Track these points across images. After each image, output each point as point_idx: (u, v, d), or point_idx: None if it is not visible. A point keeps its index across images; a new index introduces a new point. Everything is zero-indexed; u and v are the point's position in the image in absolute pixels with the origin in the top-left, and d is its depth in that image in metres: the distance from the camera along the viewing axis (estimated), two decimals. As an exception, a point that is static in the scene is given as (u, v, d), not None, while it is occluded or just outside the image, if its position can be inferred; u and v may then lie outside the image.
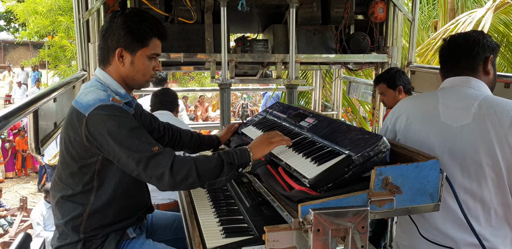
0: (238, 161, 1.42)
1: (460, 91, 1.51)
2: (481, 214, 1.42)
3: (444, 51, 1.60)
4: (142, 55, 1.52)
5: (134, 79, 1.55)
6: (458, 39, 1.56)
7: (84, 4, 2.69)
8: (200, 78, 12.81)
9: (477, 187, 1.41)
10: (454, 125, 1.44)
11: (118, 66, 1.51)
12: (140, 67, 1.53)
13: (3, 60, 23.27)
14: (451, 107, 1.48)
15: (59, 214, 1.54)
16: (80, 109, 1.42)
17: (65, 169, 1.51)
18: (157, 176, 1.36)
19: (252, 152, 1.45)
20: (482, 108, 1.43)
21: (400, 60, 3.10)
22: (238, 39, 3.01)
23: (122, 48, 1.49)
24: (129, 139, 1.37)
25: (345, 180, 1.21)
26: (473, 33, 1.55)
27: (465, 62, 1.53)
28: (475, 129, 1.41)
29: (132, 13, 1.51)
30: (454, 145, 1.43)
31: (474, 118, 1.42)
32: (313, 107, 4.71)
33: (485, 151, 1.39)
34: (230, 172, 1.41)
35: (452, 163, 1.42)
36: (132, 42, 1.49)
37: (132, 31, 1.48)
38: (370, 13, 3.06)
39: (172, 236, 1.81)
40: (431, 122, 1.49)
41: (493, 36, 4.53)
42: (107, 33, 1.50)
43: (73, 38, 10.75)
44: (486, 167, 1.39)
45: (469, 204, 1.41)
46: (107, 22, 1.51)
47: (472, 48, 1.50)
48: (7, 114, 1.51)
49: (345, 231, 1.10)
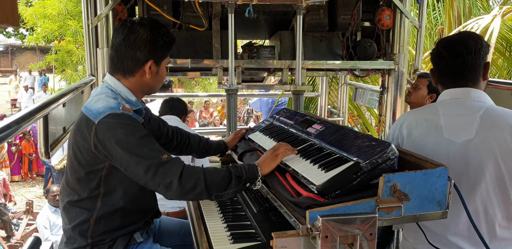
0: (246, 175, 1.43)
1: (462, 105, 1.48)
2: (485, 228, 1.42)
3: (442, 61, 1.53)
4: (164, 65, 1.58)
5: (153, 88, 1.61)
6: (457, 48, 1.48)
7: (93, 9, 2.73)
8: (205, 84, 12.86)
9: (480, 201, 1.40)
10: (457, 140, 1.42)
11: (143, 77, 1.53)
12: (162, 76, 1.59)
13: (10, 64, 23.48)
14: (453, 123, 1.45)
15: (67, 219, 1.55)
16: (90, 116, 1.43)
17: (72, 174, 1.52)
18: (165, 184, 1.36)
19: (260, 167, 1.47)
20: (484, 122, 1.40)
21: (407, 67, 3.10)
22: (245, 45, 3.03)
23: (153, 60, 1.52)
24: (138, 147, 1.38)
25: (353, 187, 1.21)
26: (470, 40, 1.48)
27: (469, 73, 1.48)
28: (478, 144, 1.39)
29: (154, 24, 1.52)
30: (458, 161, 1.41)
31: (477, 133, 1.40)
32: (319, 113, 4.71)
33: (489, 166, 1.38)
34: (238, 184, 1.41)
35: (456, 179, 1.38)
36: (162, 54, 1.55)
37: (164, 44, 1.53)
38: (377, 20, 3.07)
39: (179, 242, 1.81)
40: (434, 139, 1.47)
41: (500, 43, 4.52)
42: (135, 45, 1.49)
43: (80, 43, 10.85)
44: (490, 182, 1.38)
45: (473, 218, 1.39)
46: (127, 32, 1.50)
47: (475, 60, 1.46)
48: (18, 119, 1.53)
49: (353, 238, 1.10)
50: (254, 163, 1.49)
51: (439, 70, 1.57)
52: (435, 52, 1.56)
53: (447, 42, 1.54)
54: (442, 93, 1.55)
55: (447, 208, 1.20)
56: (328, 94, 4.75)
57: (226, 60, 2.77)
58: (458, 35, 1.59)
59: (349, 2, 3.06)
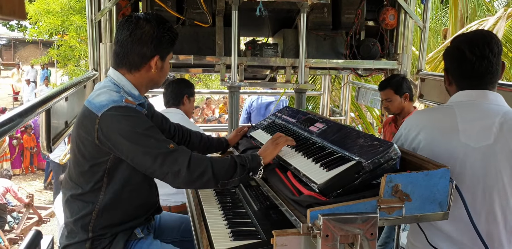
0: (249, 164, 1.46)
1: (479, 108, 1.42)
2: (504, 235, 1.39)
3: (467, 64, 1.43)
4: (168, 60, 1.60)
5: (157, 83, 1.62)
6: (483, 51, 1.40)
7: (96, 4, 2.72)
8: (207, 81, 12.87)
9: (499, 208, 1.37)
10: (475, 145, 1.38)
11: (149, 72, 1.55)
12: (166, 71, 1.61)
13: (13, 58, 23.49)
14: (471, 126, 1.40)
15: (68, 212, 1.55)
16: (93, 110, 1.43)
17: (75, 168, 1.52)
18: (173, 172, 1.39)
19: (262, 156, 1.51)
20: (503, 127, 1.36)
21: (410, 67, 3.10)
22: (248, 42, 3.03)
23: (159, 56, 1.53)
24: (145, 137, 1.40)
25: (354, 186, 1.21)
26: (493, 40, 1.42)
27: (492, 76, 1.43)
28: (496, 149, 1.36)
29: (159, 20, 1.53)
30: (475, 166, 1.37)
31: (496, 138, 1.36)
32: (321, 112, 4.71)
33: (508, 172, 1.35)
34: (242, 173, 1.45)
35: (473, 184, 1.37)
36: (167, 50, 1.56)
37: (169, 39, 1.54)
38: (381, 19, 3.06)
39: (179, 238, 1.82)
40: (450, 143, 1.41)
41: (504, 45, 4.51)
42: (142, 40, 1.50)
43: (83, 38, 10.86)
44: (509, 188, 1.36)
45: (491, 226, 1.37)
46: (133, 27, 1.50)
47: (498, 61, 1.41)
48: (21, 112, 1.53)
49: (354, 238, 1.10)
50: (256, 152, 1.53)
51: (461, 74, 1.48)
52: (457, 54, 1.46)
53: (471, 44, 1.43)
54: (458, 94, 1.48)
55: (448, 209, 1.20)
56: (330, 93, 4.74)
57: (229, 57, 2.77)
58: (480, 35, 1.47)
59: (353, 1, 3.05)
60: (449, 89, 1.56)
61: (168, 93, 2.85)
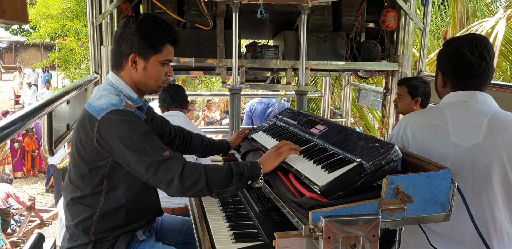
0: (247, 172, 1.43)
1: (469, 108, 1.45)
2: (494, 234, 1.40)
3: (467, 66, 1.44)
4: (155, 61, 1.53)
5: (147, 85, 1.56)
6: (483, 53, 1.43)
7: (97, 7, 2.73)
8: (208, 83, 12.88)
9: (488, 207, 1.39)
10: (464, 144, 1.41)
11: (131, 71, 1.52)
12: (153, 73, 1.54)
13: (14, 61, 23.53)
14: (461, 126, 1.43)
15: (69, 216, 1.55)
16: (93, 113, 1.44)
17: (75, 171, 1.52)
18: (166, 181, 1.37)
19: (263, 164, 1.47)
20: (492, 126, 1.39)
21: (411, 68, 3.10)
22: (249, 45, 3.04)
23: (135, 54, 1.50)
24: (140, 143, 1.39)
25: (356, 188, 1.21)
26: (489, 43, 1.45)
27: (487, 77, 1.46)
28: (486, 148, 1.38)
29: (146, 19, 1.52)
30: (465, 165, 1.40)
31: (485, 137, 1.39)
32: (322, 114, 4.71)
33: (496, 170, 1.37)
34: (239, 182, 1.42)
35: (463, 183, 1.38)
36: (146, 49, 1.50)
37: (146, 38, 1.49)
38: (381, 21, 3.07)
39: (181, 240, 1.82)
40: (441, 142, 1.44)
41: (504, 46, 4.51)
42: (121, 39, 1.51)
43: (83, 41, 10.88)
44: (497, 186, 1.37)
45: (481, 225, 1.37)
46: (120, 27, 1.52)
47: (492, 65, 1.43)
48: (23, 116, 1.54)
49: (356, 239, 1.10)
50: (256, 160, 1.49)
51: (459, 75, 1.48)
52: (457, 55, 1.47)
53: (471, 45, 1.44)
54: (448, 96, 1.52)
55: (450, 211, 1.19)
56: (331, 95, 4.75)
57: (229, 59, 2.78)
58: (477, 37, 1.48)
59: (353, 3, 3.06)
60: (441, 91, 1.57)
61: (172, 97, 2.88)
